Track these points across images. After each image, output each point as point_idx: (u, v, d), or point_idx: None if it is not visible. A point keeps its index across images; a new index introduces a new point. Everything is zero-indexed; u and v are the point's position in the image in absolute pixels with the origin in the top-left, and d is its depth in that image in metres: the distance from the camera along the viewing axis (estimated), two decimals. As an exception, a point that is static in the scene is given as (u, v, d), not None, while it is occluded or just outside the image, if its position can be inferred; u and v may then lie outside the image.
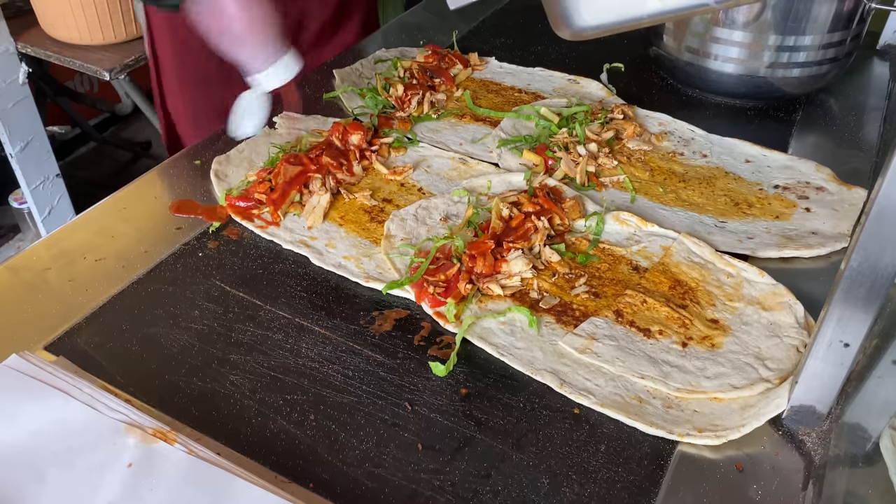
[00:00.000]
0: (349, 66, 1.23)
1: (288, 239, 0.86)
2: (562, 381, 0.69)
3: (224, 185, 0.94)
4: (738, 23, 1.08)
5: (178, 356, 0.71)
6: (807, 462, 0.63)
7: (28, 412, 0.62)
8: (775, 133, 1.10)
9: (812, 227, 0.88)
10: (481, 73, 1.25)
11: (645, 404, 0.67)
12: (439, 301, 0.76)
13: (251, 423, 0.65)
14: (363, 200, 0.93)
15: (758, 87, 1.13)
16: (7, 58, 1.92)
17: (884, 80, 1.25)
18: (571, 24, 0.50)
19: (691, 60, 1.15)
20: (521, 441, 0.64)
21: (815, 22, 1.05)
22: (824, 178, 0.97)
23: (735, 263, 0.82)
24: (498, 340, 0.73)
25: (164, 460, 0.59)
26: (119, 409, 0.63)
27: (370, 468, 0.61)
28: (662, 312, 0.76)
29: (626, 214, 0.88)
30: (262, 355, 0.71)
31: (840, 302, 0.56)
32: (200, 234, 0.87)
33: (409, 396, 0.68)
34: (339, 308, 0.77)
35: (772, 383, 0.68)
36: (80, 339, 0.73)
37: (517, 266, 0.79)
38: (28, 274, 0.81)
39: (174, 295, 0.78)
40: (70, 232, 0.88)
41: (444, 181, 0.97)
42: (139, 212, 0.91)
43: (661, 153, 1.03)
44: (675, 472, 0.62)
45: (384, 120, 1.07)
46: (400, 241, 0.85)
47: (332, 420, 0.65)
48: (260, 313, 0.76)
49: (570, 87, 1.20)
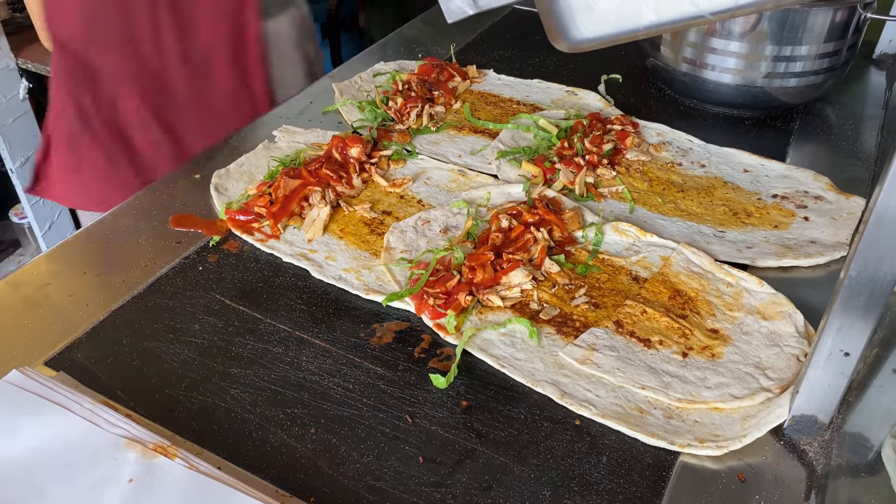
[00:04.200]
0: (348, 80, 1.24)
1: (288, 252, 0.86)
2: (562, 392, 0.69)
3: (224, 198, 0.95)
4: (734, 33, 1.08)
5: (179, 370, 0.71)
6: (809, 472, 0.63)
7: (28, 428, 0.62)
8: (773, 142, 1.10)
9: (811, 236, 0.89)
10: (480, 85, 1.26)
11: (646, 415, 0.67)
12: (439, 313, 0.76)
13: (252, 437, 0.65)
14: (363, 213, 0.93)
15: (755, 97, 1.13)
16: (7, 73, 1.93)
17: (880, 88, 1.25)
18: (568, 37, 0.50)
19: (689, 71, 1.15)
20: (523, 453, 0.64)
21: (811, 32, 1.06)
22: (822, 187, 0.97)
23: (734, 273, 0.82)
24: (498, 352, 0.73)
25: (165, 475, 0.59)
26: (119, 424, 0.63)
27: (371, 481, 0.61)
28: (662, 322, 0.76)
29: (626, 225, 0.88)
30: (263, 369, 0.71)
31: (840, 311, 0.56)
32: (200, 248, 0.87)
33: (410, 409, 0.68)
34: (339, 321, 0.77)
35: (773, 393, 0.68)
36: (81, 354, 0.73)
37: (517, 277, 0.79)
38: (28, 289, 0.81)
39: (174, 309, 0.78)
40: (70, 247, 0.88)
41: (443, 193, 0.97)
42: (139, 226, 0.91)
43: (659, 163, 1.04)
44: (676, 483, 0.62)
45: (383, 133, 1.08)
46: (400, 253, 0.85)
47: (333, 433, 0.65)
48: (260, 327, 0.76)
49: (568, 99, 1.21)
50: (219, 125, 1.28)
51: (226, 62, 1.29)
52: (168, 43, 1.23)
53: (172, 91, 1.28)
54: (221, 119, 1.31)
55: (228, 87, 1.31)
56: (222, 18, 1.26)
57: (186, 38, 1.24)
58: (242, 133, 1.12)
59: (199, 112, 1.31)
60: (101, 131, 1.26)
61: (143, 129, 1.29)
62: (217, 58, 1.28)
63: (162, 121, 1.29)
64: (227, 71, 1.29)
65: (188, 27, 1.24)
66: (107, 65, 1.23)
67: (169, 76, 1.26)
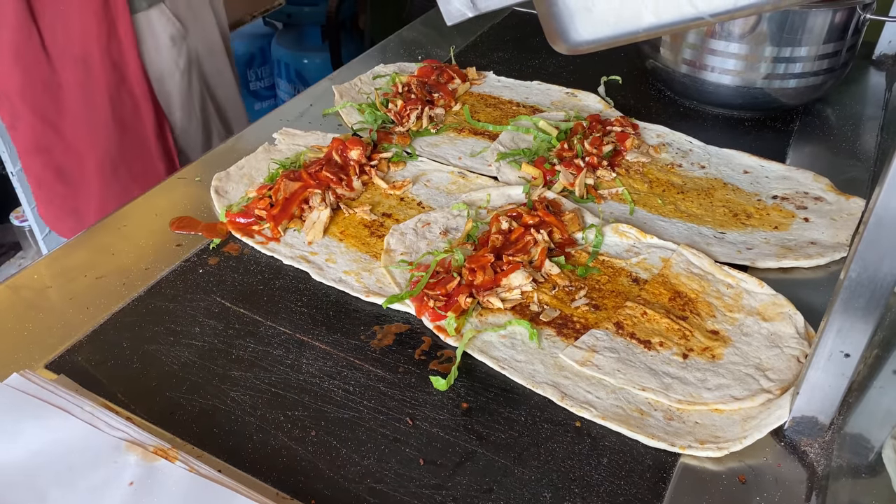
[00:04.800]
0: (348, 82, 1.24)
1: (288, 254, 0.86)
2: (563, 394, 0.69)
3: (224, 201, 0.95)
4: (734, 35, 1.08)
5: (179, 373, 0.71)
6: (809, 473, 0.63)
7: (29, 431, 0.62)
8: (773, 144, 1.10)
9: (811, 237, 0.89)
10: (479, 87, 1.26)
11: (646, 416, 0.67)
12: (439, 315, 0.76)
13: (252, 439, 0.65)
14: (363, 215, 0.93)
15: (755, 98, 1.13)
16: (8, 77, 1.93)
17: (880, 89, 1.25)
18: (568, 39, 0.50)
19: (688, 72, 1.15)
20: (523, 455, 0.64)
21: (810, 33, 1.06)
22: (822, 187, 0.97)
23: (734, 274, 0.82)
24: (498, 354, 0.73)
25: (166, 478, 0.59)
26: (120, 427, 0.63)
27: (372, 484, 0.61)
28: (663, 324, 0.76)
29: (626, 226, 0.88)
30: (263, 371, 0.71)
31: (840, 312, 0.56)
32: (201, 251, 0.87)
33: (411, 411, 0.68)
34: (339, 323, 0.77)
35: (773, 394, 0.68)
36: (81, 357, 0.73)
37: (517, 279, 0.79)
38: (29, 292, 0.81)
39: (174, 312, 0.78)
40: (71, 250, 0.88)
41: (443, 195, 0.97)
42: (139, 229, 0.91)
43: (659, 165, 1.04)
44: (677, 484, 0.62)
45: (383, 135, 1.08)
46: (400, 255, 0.85)
47: (333, 436, 0.65)
48: (260, 329, 0.76)
49: (567, 101, 1.21)
50: (106, 132, 1.28)
51: (101, 60, 1.26)
52: (51, 48, 1.21)
53: (64, 99, 1.26)
54: (107, 125, 1.29)
55: (109, 87, 1.28)
56: (91, 16, 1.22)
57: (63, 40, 1.22)
58: (242, 135, 1.12)
59: (89, 118, 1.29)
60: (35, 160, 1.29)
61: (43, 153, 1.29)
62: (93, 57, 1.25)
63: (57, 133, 1.28)
64: (104, 70, 1.26)
65: (64, 29, 1.22)
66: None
67: (59, 83, 1.25)
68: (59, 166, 1.31)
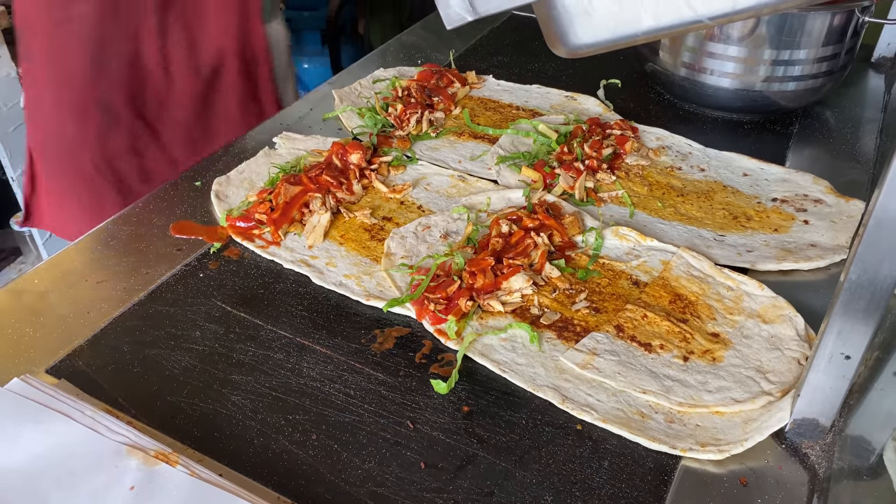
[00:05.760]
0: (348, 86, 1.24)
1: (288, 258, 0.86)
2: (564, 397, 0.69)
3: (224, 205, 0.95)
4: (732, 38, 1.09)
5: (180, 377, 0.71)
6: (811, 475, 0.63)
7: (30, 436, 0.62)
8: (772, 146, 1.10)
9: (811, 240, 0.89)
10: (479, 90, 1.26)
11: (647, 419, 0.67)
12: (440, 318, 0.76)
13: (253, 443, 0.65)
14: (363, 219, 0.93)
15: (754, 101, 1.13)
16: (8, 82, 1.94)
17: (879, 92, 1.26)
18: (567, 43, 0.50)
19: (687, 75, 1.16)
20: (524, 458, 0.64)
21: (809, 36, 1.06)
22: (822, 190, 0.97)
23: (734, 277, 0.82)
24: (499, 357, 0.73)
25: (167, 482, 0.59)
26: (121, 432, 0.63)
27: (372, 488, 0.61)
28: (663, 327, 0.76)
29: (626, 229, 0.88)
30: (264, 375, 0.71)
31: (840, 314, 0.56)
32: (201, 255, 0.87)
33: (411, 415, 0.68)
34: (340, 327, 0.77)
35: (774, 396, 0.68)
36: (82, 362, 0.73)
37: (517, 282, 0.79)
38: (29, 297, 0.81)
39: (175, 316, 0.78)
40: (71, 255, 0.88)
41: (443, 199, 0.98)
42: (140, 233, 0.91)
43: (659, 168, 1.04)
44: (678, 487, 0.62)
45: (383, 139, 1.08)
46: (400, 258, 0.85)
47: (334, 439, 0.65)
48: (261, 333, 0.76)
49: (567, 104, 1.21)
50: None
51: (235, 72, 1.25)
52: (176, 57, 1.20)
53: (174, 111, 1.25)
54: (219, 140, 1.27)
55: (237, 100, 1.27)
56: (230, 20, 1.22)
57: (196, 46, 1.21)
58: (243, 140, 1.12)
59: (199, 133, 1.28)
60: (87, 165, 1.25)
61: (135, 156, 1.26)
62: (228, 67, 1.24)
63: (159, 144, 1.26)
64: (236, 82, 1.26)
65: (197, 35, 1.21)
66: (105, 93, 1.21)
67: (174, 94, 1.23)
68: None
